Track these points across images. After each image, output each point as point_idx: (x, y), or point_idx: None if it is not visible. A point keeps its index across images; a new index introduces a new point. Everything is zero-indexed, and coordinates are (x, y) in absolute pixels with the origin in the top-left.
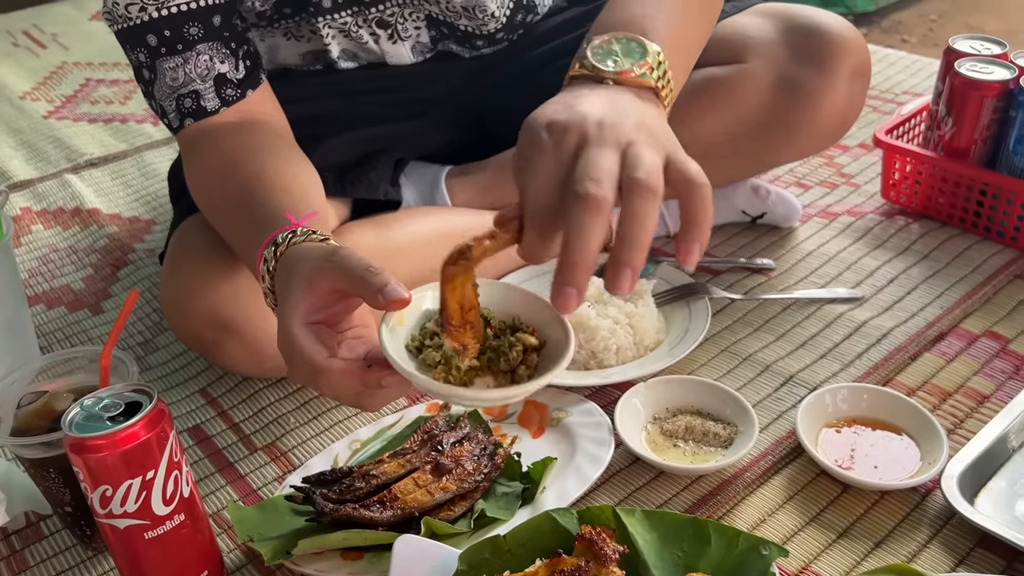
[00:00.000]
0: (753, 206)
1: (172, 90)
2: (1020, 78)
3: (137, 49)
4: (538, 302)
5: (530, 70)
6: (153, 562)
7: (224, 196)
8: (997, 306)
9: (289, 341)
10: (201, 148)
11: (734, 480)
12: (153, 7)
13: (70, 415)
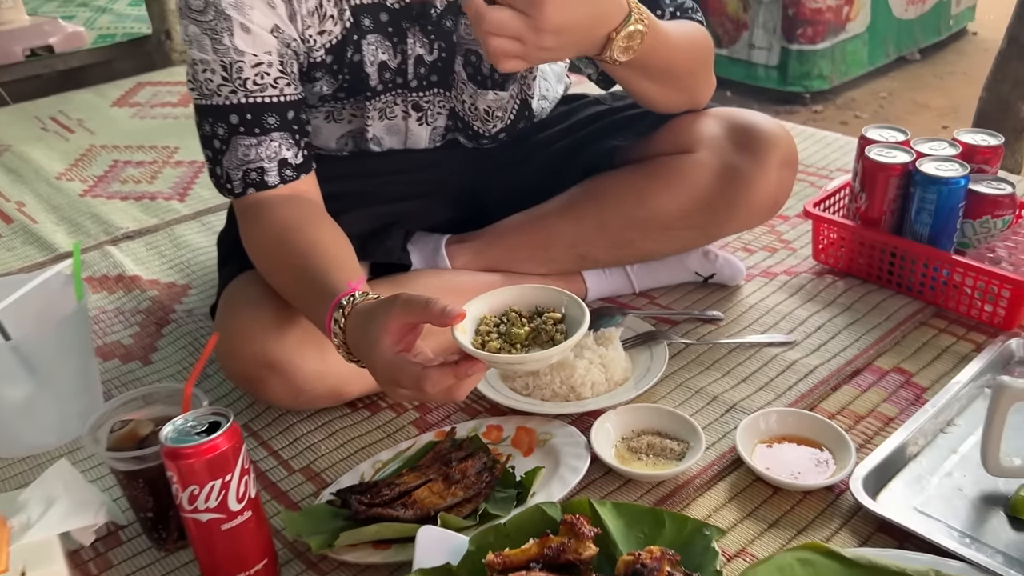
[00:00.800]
0: (704, 268)
1: (241, 163)
2: (916, 161)
3: (217, 123)
4: (549, 290)
5: (521, 159)
6: (226, 550)
7: (282, 259)
8: (904, 347)
9: (392, 368)
10: (258, 214)
11: (686, 485)
12: (242, 93)
13: (166, 431)
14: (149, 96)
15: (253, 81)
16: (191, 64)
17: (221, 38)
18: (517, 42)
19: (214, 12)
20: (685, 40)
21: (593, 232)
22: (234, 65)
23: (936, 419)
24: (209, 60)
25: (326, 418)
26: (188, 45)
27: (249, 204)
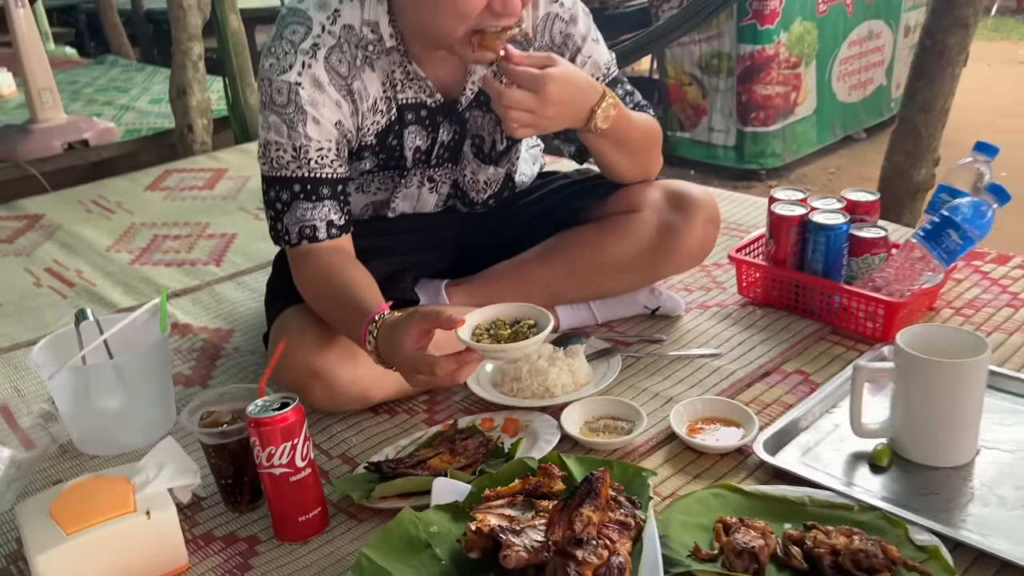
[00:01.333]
0: (651, 302)
1: (298, 221)
2: (810, 213)
3: (283, 190)
4: (524, 306)
5: (505, 220)
6: (292, 498)
7: (326, 292)
8: (806, 355)
9: (413, 360)
10: (308, 260)
11: (632, 452)
12: (306, 169)
13: (250, 408)
14: (177, 181)
15: (315, 161)
16: (265, 144)
17: (296, 126)
18: (529, 114)
19: (294, 107)
20: (642, 123)
21: (563, 275)
22: (302, 148)
23: (823, 403)
24: (283, 142)
25: (355, 419)
26: (265, 130)
27: (302, 252)
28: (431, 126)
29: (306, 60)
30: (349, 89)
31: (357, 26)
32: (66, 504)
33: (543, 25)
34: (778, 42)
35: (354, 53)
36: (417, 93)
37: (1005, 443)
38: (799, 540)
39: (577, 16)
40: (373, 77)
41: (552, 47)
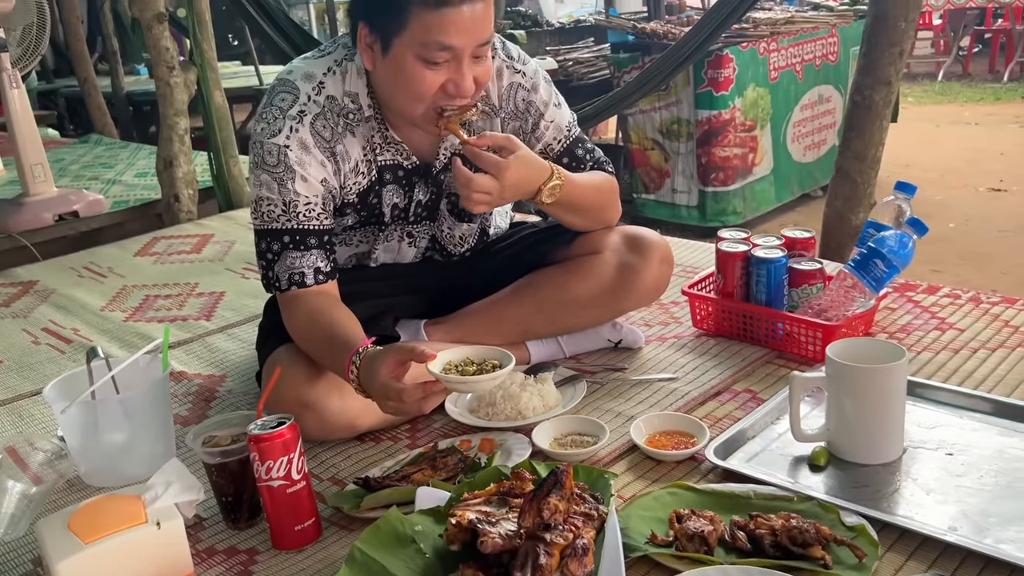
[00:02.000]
0: (614, 336)
1: (288, 268)
2: (752, 250)
3: (273, 241)
4: (494, 349)
5: (479, 266)
6: (288, 509)
7: (314, 332)
8: (754, 377)
9: (384, 387)
10: (297, 304)
11: (597, 462)
12: (295, 222)
13: (251, 426)
14: (165, 247)
15: (303, 214)
16: (257, 200)
17: (285, 184)
18: (488, 195)
19: (283, 167)
20: (592, 186)
21: (532, 312)
22: (291, 203)
23: (768, 415)
24: (274, 198)
25: (343, 447)
26: (257, 187)
27: (291, 296)
28: (407, 185)
29: (293, 125)
30: (332, 152)
31: (339, 97)
32: (83, 518)
33: (507, 94)
34: (733, 107)
35: (336, 121)
36: (395, 155)
37: (929, 442)
38: (743, 525)
39: (538, 84)
40: (354, 142)
41: (516, 113)
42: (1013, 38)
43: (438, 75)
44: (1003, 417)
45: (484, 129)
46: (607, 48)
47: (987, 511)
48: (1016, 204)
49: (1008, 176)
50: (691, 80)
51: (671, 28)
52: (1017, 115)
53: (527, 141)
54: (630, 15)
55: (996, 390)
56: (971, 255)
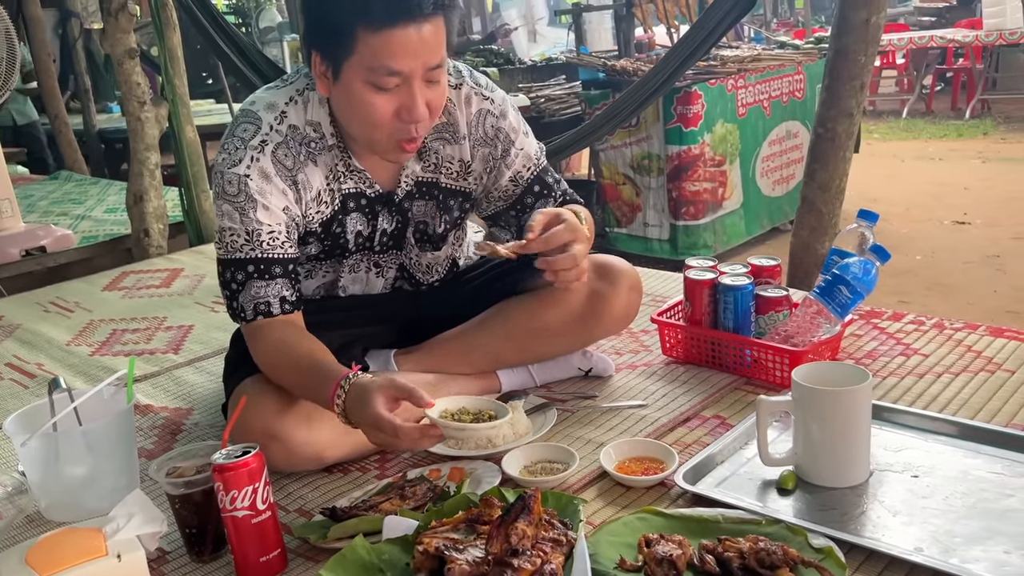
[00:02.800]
0: (584, 364)
1: (253, 298)
2: (719, 278)
3: (238, 271)
4: (491, 401)
5: (448, 295)
6: (253, 539)
7: (284, 362)
8: (723, 403)
9: (379, 419)
10: (264, 334)
11: (568, 488)
12: (259, 251)
13: (215, 456)
14: (134, 281)
15: (267, 243)
16: (220, 230)
17: (247, 213)
18: (578, 258)
19: (245, 196)
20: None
21: (502, 341)
22: (255, 231)
23: (737, 440)
24: (237, 228)
25: (310, 478)
26: (219, 217)
27: (257, 326)
28: (371, 214)
29: (254, 155)
30: (294, 180)
31: (301, 126)
32: (41, 551)
33: (476, 120)
34: (703, 142)
35: (299, 149)
36: (357, 184)
37: (895, 465)
38: (712, 549)
39: (507, 111)
40: (316, 171)
41: (486, 140)
42: (973, 77)
43: (389, 101)
44: (967, 439)
45: (451, 156)
46: (579, 85)
47: (952, 531)
48: (980, 237)
49: (972, 209)
50: (661, 116)
51: (640, 66)
52: (979, 151)
53: (497, 167)
54: (601, 53)
55: (960, 413)
56: (937, 286)
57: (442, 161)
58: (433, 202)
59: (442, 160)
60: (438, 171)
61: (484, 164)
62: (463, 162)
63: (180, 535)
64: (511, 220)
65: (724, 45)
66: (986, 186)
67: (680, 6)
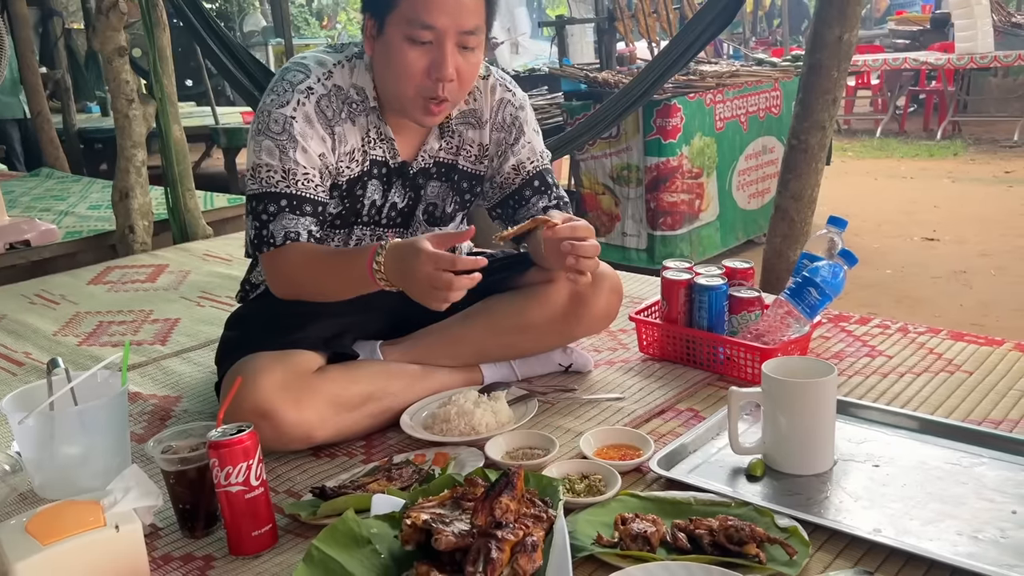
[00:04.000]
0: (564, 360)
1: (284, 227)
2: (695, 278)
3: (270, 203)
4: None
5: None
6: (246, 514)
7: (312, 263)
8: (696, 397)
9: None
10: (291, 251)
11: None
12: (293, 188)
13: (211, 433)
14: (119, 276)
15: (302, 183)
16: (255, 167)
17: (287, 152)
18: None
19: (287, 136)
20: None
21: (487, 335)
22: (290, 171)
23: (709, 431)
24: (275, 165)
25: (298, 461)
26: (256, 154)
27: (284, 248)
28: (386, 185)
29: (301, 99)
30: (332, 130)
31: (345, 87)
32: (41, 521)
33: (497, 107)
34: (681, 155)
35: (340, 107)
36: (383, 153)
37: (857, 456)
38: (684, 527)
39: (525, 106)
40: (353, 130)
41: (503, 126)
42: (945, 99)
43: (422, 57)
44: (925, 433)
45: (473, 140)
46: (560, 96)
47: (909, 515)
48: (948, 253)
49: (941, 227)
50: (641, 128)
51: (621, 78)
52: (949, 171)
53: (505, 153)
54: (583, 65)
55: (920, 409)
56: (906, 299)
57: (464, 143)
58: (448, 184)
59: (464, 143)
60: (458, 153)
61: (497, 148)
62: (482, 146)
63: (173, 511)
64: (508, 212)
65: (703, 60)
66: (955, 205)
67: (662, 21)
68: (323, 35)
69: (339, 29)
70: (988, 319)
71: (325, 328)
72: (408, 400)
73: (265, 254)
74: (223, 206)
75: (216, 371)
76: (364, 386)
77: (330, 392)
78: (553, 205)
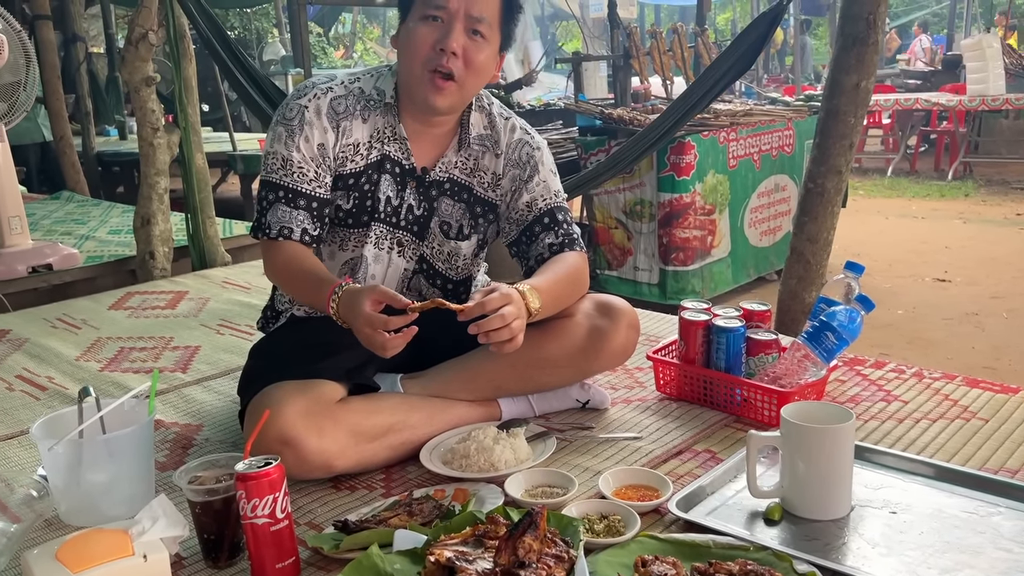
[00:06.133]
0: (582, 396)
1: (279, 220)
2: (713, 319)
3: (269, 191)
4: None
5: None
6: (271, 546)
7: (296, 272)
8: (714, 438)
9: (368, 317)
10: (281, 250)
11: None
12: (289, 179)
13: (239, 466)
14: (139, 302)
15: (296, 175)
16: (267, 154)
17: (293, 137)
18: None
19: (298, 122)
20: (565, 283)
21: (505, 369)
22: (288, 161)
23: (726, 473)
24: (281, 152)
25: (319, 493)
26: (270, 142)
27: (278, 244)
28: (401, 185)
29: (317, 93)
30: (338, 124)
31: (368, 90)
32: (71, 549)
33: (515, 145)
34: (694, 191)
35: (355, 105)
36: (397, 152)
37: (874, 502)
38: (703, 571)
39: (543, 149)
40: (362, 127)
41: (518, 162)
42: (956, 140)
43: (431, 32)
44: (942, 480)
45: (487, 166)
46: (575, 131)
47: (927, 563)
48: (960, 294)
49: (952, 268)
50: (654, 164)
51: (636, 115)
52: (960, 211)
53: (519, 189)
54: (598, 101)
55: (936, 456)
56: (918, 340)
57: (479, 168)
58: (462, 205)
59: (479, 167)
60: (473, 175)
61: (512, 183)
62: (495, 175)
63: (198, 541)
64: (521, 248)
65: (717, 99)
66: (966, 246)
67: (676, 59)
68: (339, 64)
69: (355, 59)
70: (1000, 363)
71: (347, 359)
72: (428, 432)
73: (263, 242)
74: (241, 234)
75: (238, 400)
76: (385, 417)
77: (351, 422)
78: (559, 242)
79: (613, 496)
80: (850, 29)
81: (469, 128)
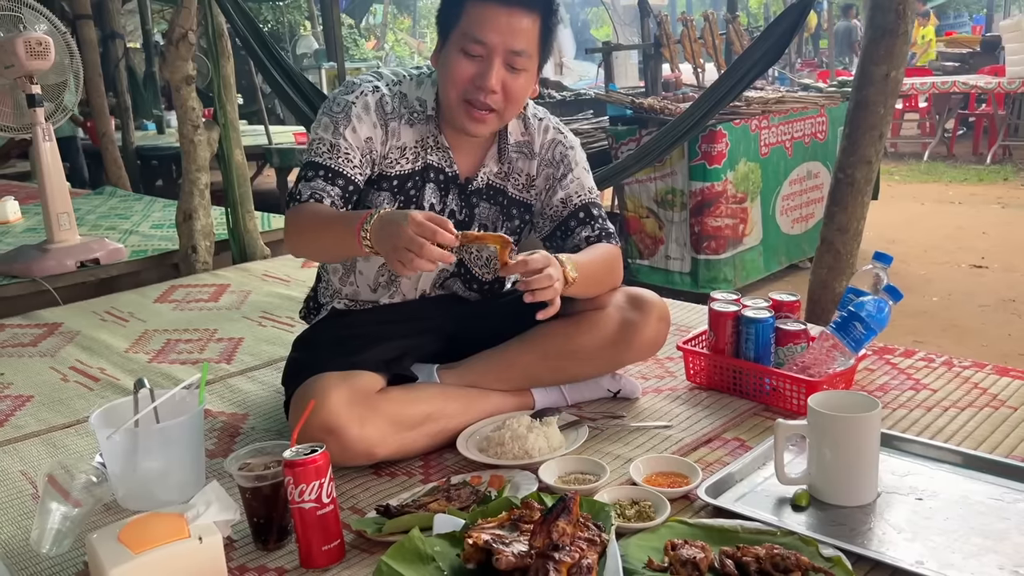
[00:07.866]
0: (613, 386)
1: (313, 190)
2: (743, 310)
3: (311, 170)
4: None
5: (489, 312)
6: (318, 529)
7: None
8: (743, 427)
9: (423, 219)
10: (308, 206)
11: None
12: (333, 162)
13: (287, 453)
14: (184, 295)
15: (342, 158)
16: (311, 140)
17: (339, 128)
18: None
19: (344, 115)
20: (601, 265)
21: (538, 360)
22: (335, 145)
23: (755, 461)
24: (327, 138)
25: (361, 480)
26: (315, 130)
27: (307, 204)
28: (444, 192)
29: (366, 90)
30: (386, 124)
31: (411, 97)
32: (132, 531)
33: (549, 146)
34: (725, 180)
35: (400, 110)
36: (440, 160)
37: (901, 489)
38: (731, 554)
39: (576, 148)
40: (410, 131)
41: (551, 162)
42: (995, 122)
43: (470, 66)
44: (968, 468)
45: (522, 169)
46: (606, 121)
47: (951, 548)
48: (996, 281)
49: (989, 254)
50: (686, 153)
51: (667, 104)
52: (999, 196)
53: (553, 187)
54: (628, 89)
55: (964, 444)
56: (952, 328)
57: (513, 171)
58: (498, 207)
59: (514, 170)
60: (508, 179)
61: (545, 182)
62: (529, 176)
63: (248, 525)
64: (557, 243)
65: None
66: (1004, 232)
67: (707, 47)
68: (371, 55)
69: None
70: None
71: (386, 351)
72: (464, 421)
73: (290, 210)
74: (280, 227)
75: (282, 390)
76: (423, 407)
77: (391, 411)
78: (596, 235)
79: (644, 483)
80: (880, 20)
81: (507, 137)
